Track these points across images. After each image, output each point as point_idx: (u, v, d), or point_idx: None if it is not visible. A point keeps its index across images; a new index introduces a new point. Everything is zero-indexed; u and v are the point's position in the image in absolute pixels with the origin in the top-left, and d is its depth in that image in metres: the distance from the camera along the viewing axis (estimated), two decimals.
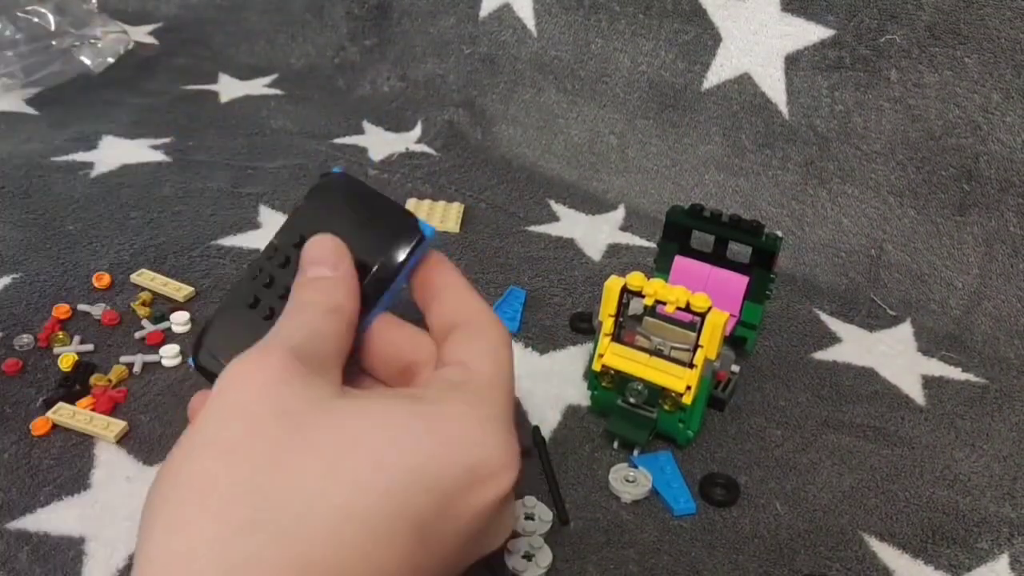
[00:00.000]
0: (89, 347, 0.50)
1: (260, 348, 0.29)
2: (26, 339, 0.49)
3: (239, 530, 0.25)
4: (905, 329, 0.59)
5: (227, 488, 0.26)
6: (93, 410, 0.45)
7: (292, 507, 0.26)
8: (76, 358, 0.48)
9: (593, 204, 0.71)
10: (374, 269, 0.33)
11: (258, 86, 0.89)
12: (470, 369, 0.31)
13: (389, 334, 0.34)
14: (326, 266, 0.33)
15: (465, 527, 0.29)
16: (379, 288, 0.34)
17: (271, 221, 0.64)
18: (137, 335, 0.51)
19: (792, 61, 0.65)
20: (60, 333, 0.50)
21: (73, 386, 0.46)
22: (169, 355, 0.49)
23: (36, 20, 0.84)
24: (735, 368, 0.49)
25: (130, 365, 0.48)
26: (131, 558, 0.37)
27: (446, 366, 0.32)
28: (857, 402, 0.51)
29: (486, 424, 0.30)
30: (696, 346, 0.44)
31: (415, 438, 0.28)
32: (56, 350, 0.49)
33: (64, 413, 0.44)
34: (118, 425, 0.44)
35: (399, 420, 0.28)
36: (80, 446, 0.43)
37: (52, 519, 0.39)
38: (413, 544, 0.27)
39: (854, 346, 0.56)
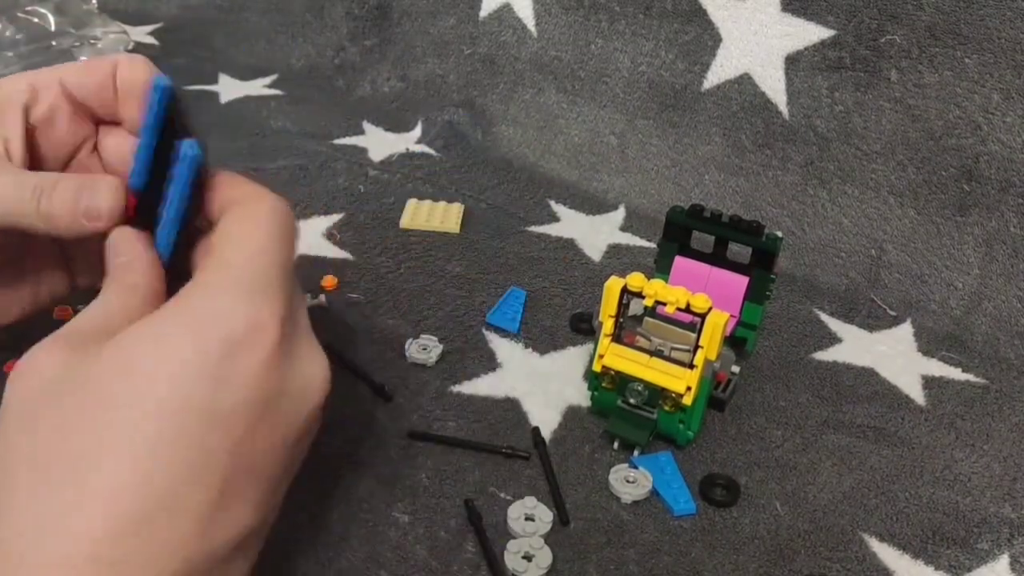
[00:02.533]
0: None
1: (39, 342, 0.31)
2: None
3: (35, 493, 0.27)
4: (905, 329, 0.59)
5: (18, 465, 0.28)
6: None
7: (80, 456, 0.27)
8: None
9: (593, 204, 0.71)
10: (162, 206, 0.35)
11: (258, 86, 0.89)
12: (221, 238, 0.32)
13: (220, 190, 0.35)
14: (121, 255, 0.35)
15: (246, 393, 0.29)
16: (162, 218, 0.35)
17: None
18: None
19: (792, 61, 0.65)
20: None
21: None
22: None
23: (36, 20, 0.84)
24: (735, 368, 0.49)
25: None
26: None
27: (209, 255, 0.33)
28: (857, 402, 0.51)
29: (227, 291, 0.30)
30: (696, 347, 0.44)
31: (171, 336, 0.29)
32: None
33: None
34: None
35: (149, 334, 0.30)
36: None
37: None
38: (210, 432, 0.28)
39: (854, 346, 0.56)
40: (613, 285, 0.45)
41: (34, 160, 0.40)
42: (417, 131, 0.81)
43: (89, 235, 0.37)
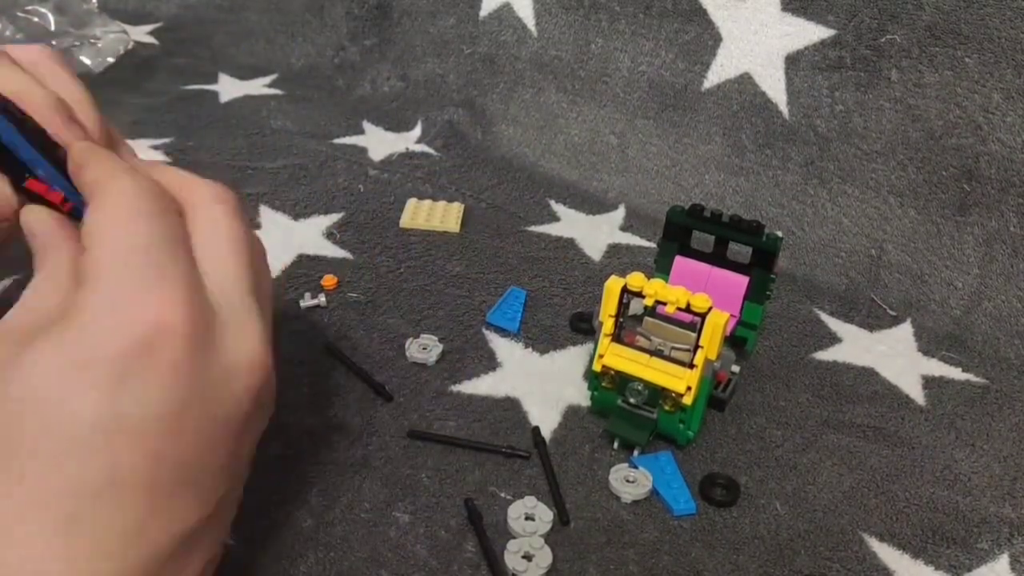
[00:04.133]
0: None
1: None
2: None
3: None
4: (905, 329, 0.59)
5: None
6: None
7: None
8: None
9: (593, 204, 0.71)
10: None
11: (258, 86, 0.89)
12: (88, 245, 0.30)
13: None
14: (38, 233, 0.33)
15: (157, 402, 0.27)
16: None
17: (271, 221, 0.64)
18: None
19: (792, 61, 0.65)
20: None
21: None
22: None
23: (36, 20, 0.84)
24: (735, 368, 0.49)
25: None
26: None
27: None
28: (857, 402, 0.51)
29: (115, 302, 0.28)
30: (696, 346, 0.44)
31: (65, 356, 0.27)
32: None
33: None
34: None
35: (51, 348, 0.28)
36: None
37: None
38: (119, 446, 0.27)
39: (854, 346, 0.56)
40: (613, 285, 0.45)
41: None
42: (417, 131, 0.81)
43: None
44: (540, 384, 0.50)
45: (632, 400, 0.45)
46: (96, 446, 0.27)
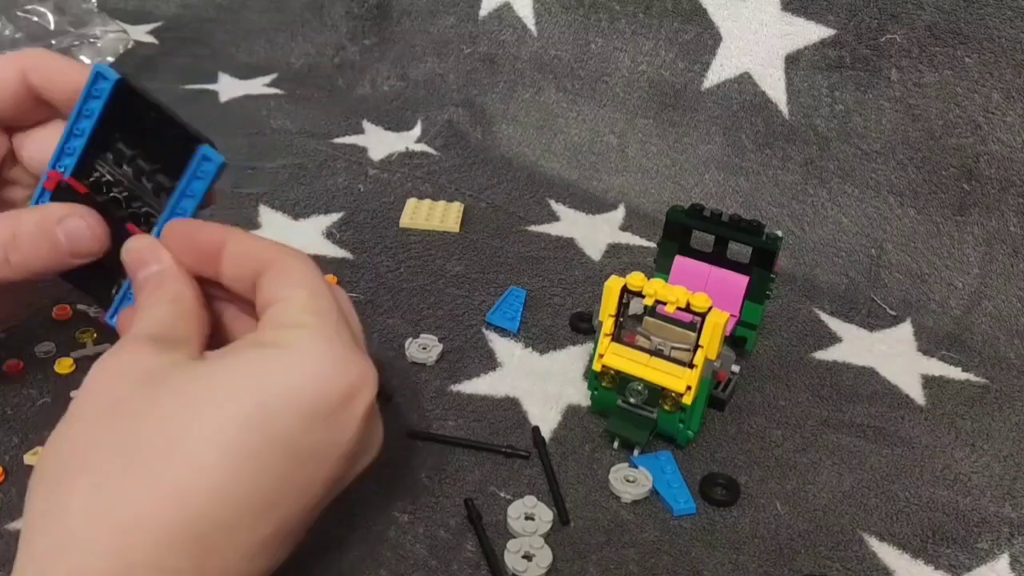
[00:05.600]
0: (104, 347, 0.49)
1: (120, 341, 0.32)
2: (47, 347, 0.49)
3: (110, 477, 0.27)
4: (905, 329, 0.59)
5: (89, 454, 0.28)
6: None
7: (153, 453, 0.28)
8: (73, 363, 0.48)
9: (593, 204, 0.71)
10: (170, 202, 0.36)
11: (258, 86, 0.88)
12: (292, 301, 0.33)
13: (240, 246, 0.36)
14: (151, 264, 0.35)
15: (345, 444, 0.31)
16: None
17: (271, 221, 0.64)
18: None
19: (792, 61, 0.65)
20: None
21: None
22: None
23: (36, 19, 0.84)
24: (735, 368, 0.49)
25: None
26: None
27: (271, 305, 0.33)
28: (857, 402, 0.51)
29: (332, 344, 0.31)
30: (696, 346, 0.44)
31: (264, 371, 0.30)
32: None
33: None
34: None
35: (248, 360, 0.31)
36: None
37: None
38: (284, 463, 0.29)
39: (854, 346, 0.56)
40: (613, 284, 0.45)
41: None
42: (417, 130, 0.81)
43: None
44: (540, 384, 0.50)
45: (632, 400, 0.45)
46: (273, 456, 0.29)
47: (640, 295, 0.44)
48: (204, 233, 0.35)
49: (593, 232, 0.67)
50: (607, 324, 0.46)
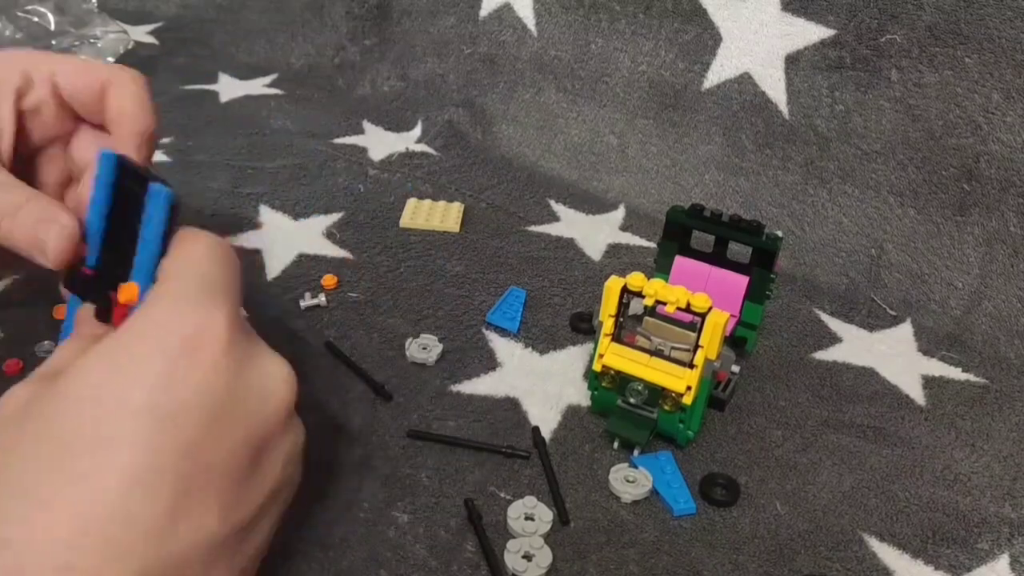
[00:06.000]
0: None
1: (15, 385, 0.32)
2: (47, 345, 0.49)
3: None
4: (905, 329, 0.59)
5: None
6: None
7: (42, 463, 0.28)
8: None
9: (593, 204, 0.71)
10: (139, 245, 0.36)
11: (258, 86, 0.88)
12: (161, 272, 0.34)
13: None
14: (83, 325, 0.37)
15: (199, 395, 0.30)
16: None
17: (271, 221, 0.64)
18: None
19: (792, 61, 0.65)
20: None
21: None
22: None
23: (36, 20, 0.84)
24: (735, 368, 0.49)
25: None
26: None
27: None
28: (857, 402, 0.51)
29: (175, 302, 0.31)
30: (696, 346, 0.44)
31: (119, 346, 0.30)
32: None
33: None
34: None
35: (107, 342, 0.31)
36: None
37: None
38: (160, 434, 0.28)
39: (854, 346, 0.56)
40: (613, 285, 0.45)
41: (15, 142, 0.41)
42: (417, 130, 0.81)
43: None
44: (540, 384, 0.50)
45: (632, 400, 0.45)
46: (141, 434, 0.28)
47: (640, 295, 0.44)
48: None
49: (593, 232, 0.67)
50: (607, 324, 0.46)
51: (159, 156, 0.72)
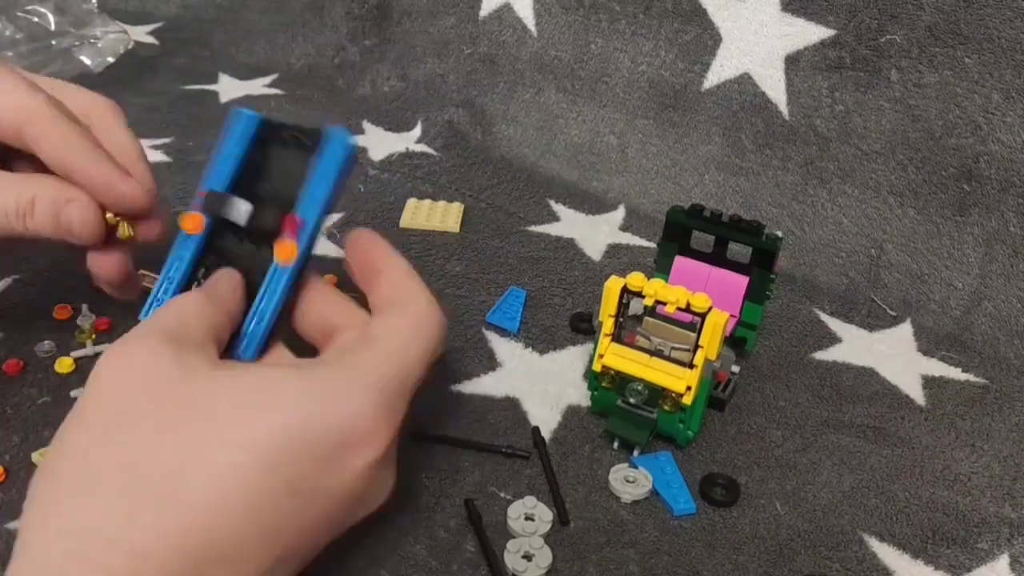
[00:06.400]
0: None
1: (132, 332, 0.31)
2: (47, 345, 0.49)
3: (110, 506, 0.26)
4: (905, 329, 0.59)
5: (99, 467, 0.27)
6: None
7: (164, 476, 0.27)
8: (73, 363, 0.48)
9: (593, 204, 0.71)
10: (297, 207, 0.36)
11: (258, 86, 0.89)
12: (371, 339, 0.33)
13: (316, 304, 0.36)
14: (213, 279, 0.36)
15: (340, 488, 0.30)
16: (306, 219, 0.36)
17: None
18: None
19: (792, 61, 0.65)
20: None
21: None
22: None
23: (36, 20, 0.84)
24: (735, 368, 0.49)
25: None
26: None
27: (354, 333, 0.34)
28: (857, 402, 0.51)
29: (364, 391, 0.31)
30: (696, 346, 0.44)
31: (287, 400, 0.29)
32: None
33: None
34: None
35: (271, 384, 0.30)
36: None
37: None
38: (292, 503, 0.28)
39: (854, 346, 0.56)
40: (613, 285, 0.45)
41: None
42: (417, 131, 0.81)
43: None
44: (540, 384, 0.50)
45: (632, 400, 0.45)
46: (275, 492, 0.28)
47: (640, 295, 0.44)
48: (370, 255, 0.37)
49: (593, 232, 0.67)
50: (607, 324, 0.46)
51: (159, 156, 0.72)
